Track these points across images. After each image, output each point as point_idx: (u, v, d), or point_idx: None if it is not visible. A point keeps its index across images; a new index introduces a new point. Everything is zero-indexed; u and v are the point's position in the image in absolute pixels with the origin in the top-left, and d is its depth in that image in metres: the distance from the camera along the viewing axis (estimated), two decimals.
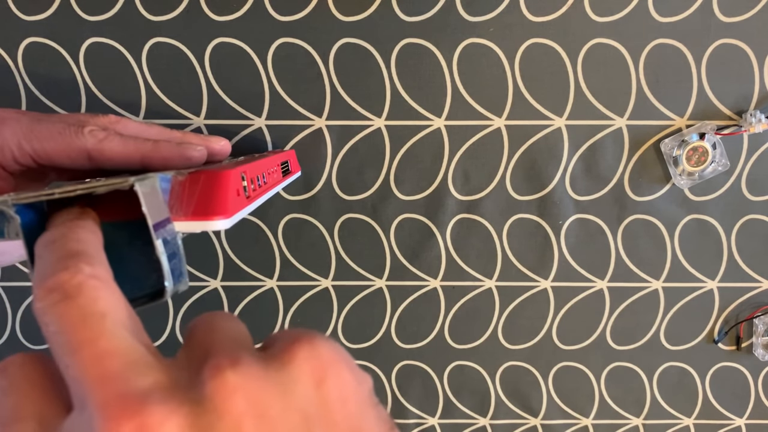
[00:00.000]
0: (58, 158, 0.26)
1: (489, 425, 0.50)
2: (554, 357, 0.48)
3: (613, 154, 0.43)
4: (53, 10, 0.40)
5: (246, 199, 0.26)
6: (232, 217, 0.23)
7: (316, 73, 0.41)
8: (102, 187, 0.19)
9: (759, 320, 0.46)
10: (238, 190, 0.25)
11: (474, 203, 0.44)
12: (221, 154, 0.31)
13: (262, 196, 0.30)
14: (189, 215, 0.23)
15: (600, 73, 0.41)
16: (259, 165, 0.30)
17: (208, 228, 0.23)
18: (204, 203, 0.23)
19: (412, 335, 0.48)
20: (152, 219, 0.19)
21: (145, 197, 0.19)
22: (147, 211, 0.19)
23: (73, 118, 0.28)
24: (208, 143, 0.31)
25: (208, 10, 0.40)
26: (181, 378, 0.14)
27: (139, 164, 0.27)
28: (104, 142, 0.26)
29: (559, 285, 0.46)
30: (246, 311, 0.47)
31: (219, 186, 0.23)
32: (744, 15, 0.40)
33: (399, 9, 0.40)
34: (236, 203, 0.24)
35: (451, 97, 0.41)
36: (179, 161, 0.28)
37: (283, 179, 0.36)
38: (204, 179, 0.23)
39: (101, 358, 0.13)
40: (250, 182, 0.27)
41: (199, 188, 0.23)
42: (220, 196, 0.23)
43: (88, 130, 0.26)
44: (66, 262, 0.15)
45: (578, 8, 0.40)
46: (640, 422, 0.49)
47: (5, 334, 0.47)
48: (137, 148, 0.27)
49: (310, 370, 0.14)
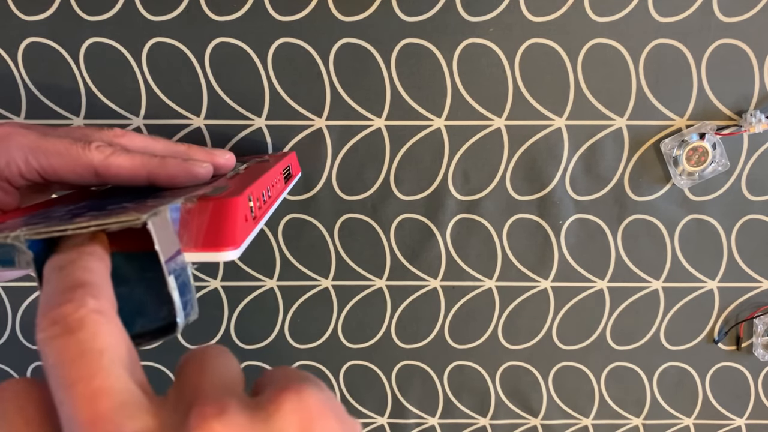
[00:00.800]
0: (65, 174, 0.26)
1: (489, 425, 0.50)
2: (554, 357, 0.48)
3: (613, 154, 0.43)
4: (53, 10, 0.40)
5: (253, 220, 0.26)
6: (241, 247, 0.23)
7: (316, 73, 0.41)
8: (114, 224, 0.19)
9: (759, 320, 0.46)
10: (246, 215, 0.25)
11: (474, 203, 0.44)
12: (226, 168, 0.31)
13: (267, 211, 0.29)
14: (199, 246, 0.23)
15: (600, 73, 0.41)
16: (263, 181, 0.30)
17: (218, 259, 0.23)
18: (213, 234, 0.23)
19: (412, 335, 0.48)
20: (164, 255, 0.19)
21: (157, 233, 0.19)
22: (159, 248, 0.19)
23: (79, 132, 0.28)
24: (213, 158, 0.30)
25: (208, 10, 0.40)
26: (170, 421, 0.14)
27: (145, 180, 0.27)
28: (111, 157, 0.26)
29: (559, 285, 0.46)
30: (246, 311, 0.47)
31: (227, 215, 0.23)
32: (744, 15, 0.40)
33: (399, 9, 0.40)
34: (244, 230, 0.24)
35: (451, 97, 0.41)
36: (185, 178, 0.28)
37: (285, 186, 0.36)
38: (213, 208, 0.23)
39: (94, 398, 0.13)
40: (256, 201, 0.27)
41: (207, 218, 0.23)
42: (229, 226, 0.23)
43: (94, 146, 0.26)
44: (71, 294, 0.15)
45: (578, 8, 0.40)
46: (640, 422, 0.49)
47: (5, 334, 0.47)
48: (144, 164, 0.27)
49: (297, 422, 0.14)
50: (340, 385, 0.49)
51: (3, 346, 0.47)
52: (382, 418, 0.50)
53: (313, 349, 0.48)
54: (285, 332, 0.47)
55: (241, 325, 0.47)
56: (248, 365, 0.48)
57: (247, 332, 0.48)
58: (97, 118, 0.42)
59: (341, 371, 0.49)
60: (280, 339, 0.48)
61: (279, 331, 0.47)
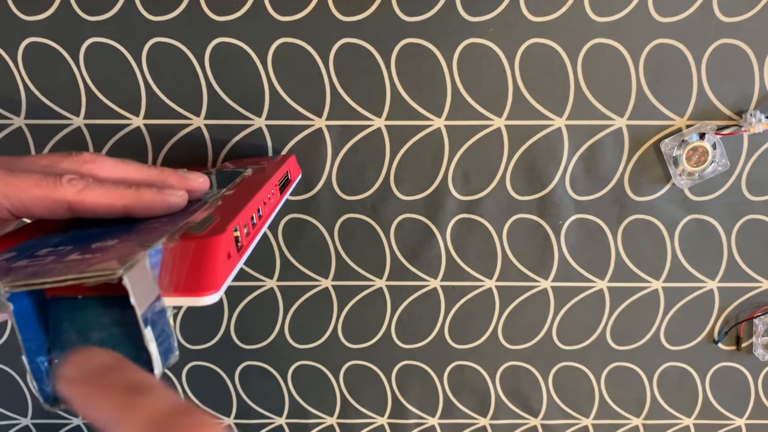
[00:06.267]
0: (38, 210, 0.25)
1: (489, 425, 0.50)
2: (554, 357, 0.48)
3: (613, 154, 0.43)
4: (53, 10, 0.40)
5: (237, 253, 0.25)
6: (221, 290, 0.23)
7: (316, 73, 0.41)
8: (91, 279, 0.19)
9: (759, 320, 0.46)
10: (230, 252, 0.24)
11: (474, 203, 0.44)
12: (200, 192, 0.30)
13: (257, 235, 0.29)
14: (179, 291, 0.22)
15: (600, 73, 0.41)
16: (255, 201, 0.29)
17: (197, 304, 0.22)
18: (194, 279, 0.22)
19: (412, 335, 0.48)
20: (141, 307, 0.19)
21: (133, 287, 0.19)
22: (135, 303, 0.19)
23: (46, 162, 0.26)
24: (188, 183, 0.29)
25: (208, 10, 0.40)
26: None
27: (121, 213, 0.26)
28: (85, 192, 0.25)
29: (559, 285, 0.46)
30: (246, 311, 0.47)
31: (208, 257, 0.23)
32: (744, 15, 0.40)
33: (399, 9, 0.40)
34: (226, 269, 0.23)
35: (451, 97, 0.41)
36: (161, 209, 0.27)
37: (281, 197, 0.35)
38: (194, 249, 0.23)
39: None
40: (243, 228, 0.27)
41: (189, 260, 0.22)
42: (209, 269, 0.22)
43: (66, 179, 0.25)
44: None
45: (578, 8, 0.40)
46: (640, 422, 0.49)
47: (5, 334, 0.47)
48: (119, 197, 0.26)
49: None
50: (340, 385, 0.49)
51: (3, 346, 0.47)
52: (382, 418, 0.50)
53: (313, 349, 0.48)
54: (285, 332, 0.47)
55: (241, 325, 0.47)
56: (248, 365, 0.48)
57: (247, 332, 0.48)
58: (97, 118, 0.42)
59: (341, 371, 0.49)
60: (280, 339, 0.48)
61: (279, 331, 0.47)
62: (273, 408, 0.50)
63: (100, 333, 0.19)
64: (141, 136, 0.42)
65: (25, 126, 0.42)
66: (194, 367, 0.48)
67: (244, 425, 0.50)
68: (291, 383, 0.49)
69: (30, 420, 0.50)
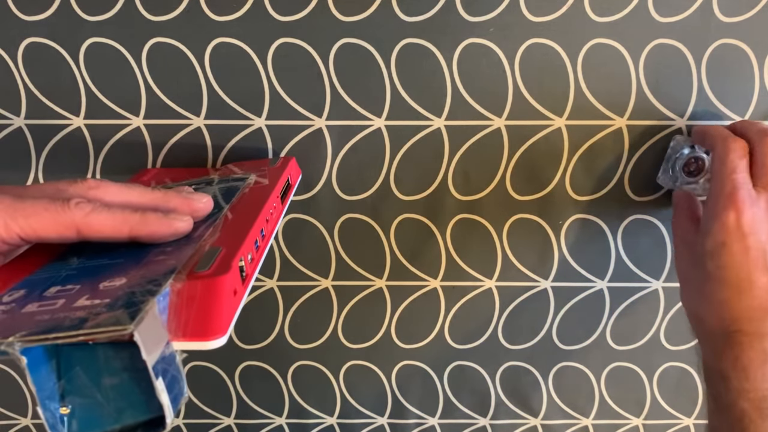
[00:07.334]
0: (46, 234, 0.26)
1: (489, 425, 0.50)
2: (554, 357, 0.48)
3: (613, 154, 0.43)
4: (53, 10, 0.40)
5: (242, 284, 0.25)
6: (227, 333, 0.23)
7: (316, 73, 0.41)
8: (102, 335, 0.19)
9: None
10: (236, 289, 0.24)
11: (474, 203, 0.44)
12: (204, 212, 0.31)
13: (260, 261, 0.29)
14: (187, 335, 0.22)
15: (600, 73, 0.41)
16: (258, 224, 0.29)
17: (204, 348, 0.22)
18: (200, 322, 0.22)
19: (412, 335, 0.48)
20: (151, 359, 0.19)
21: (144, 341, 0.19)
22: (146, 356, 0.19)
23: (53, 189, 0.27)
24: (192, 205, 0.30)
25: (208, 10, 0.40)
26: None
27: (127, 237, 0.27)
28: (92, 215, 0.26)
29: (559, 285, 0.46)
30: (246, 311, 0.47)
31: (215, 298, 0.23)
32: (744, 15, 0.40)
33: (399, 9, 0.40)
34: (232, 307, 0.24)
35: (451, 97, 0.41)
36: (167, 235, 0.28)
37: (283, 207, 0.35)
38: (201, 290, 0.23)
39: None
40: (248, 255, 0.27)
41: (196, 302, 0.23)
42: (216, 311, 0.23)
43: (74, 203, 0.26)
44: None
45: (578, 8, 0.40)
46: (640, 422, 0.49)
47: None
48: (125, 220, 0.26)
49: None
50: (340, 385, 0.49)
51: None
52: (382, 418, 0.50)
53: (313, 349, 0.48)
54: (285, 332, 0.47)
55: (241, 325, 0.47)
56: (248, 365, 0.48)
57: (247, 332, 0.48)
58: (97, 118, 0.42)
59: (341, 371, 0.49)
60: (280, 339, 0.48)
61: (279, 331, 0.47)
62: (273, 408, 0.50)
63: (111, 379, 0.20)
64: (141, 136, 0.42)
65: (25, 126, 0.42)
66: (194, 367, 0.48)
67: (244, 425, 0.50)
68: (291, 383, 0.49)
69: (30, 420, 0.50)
